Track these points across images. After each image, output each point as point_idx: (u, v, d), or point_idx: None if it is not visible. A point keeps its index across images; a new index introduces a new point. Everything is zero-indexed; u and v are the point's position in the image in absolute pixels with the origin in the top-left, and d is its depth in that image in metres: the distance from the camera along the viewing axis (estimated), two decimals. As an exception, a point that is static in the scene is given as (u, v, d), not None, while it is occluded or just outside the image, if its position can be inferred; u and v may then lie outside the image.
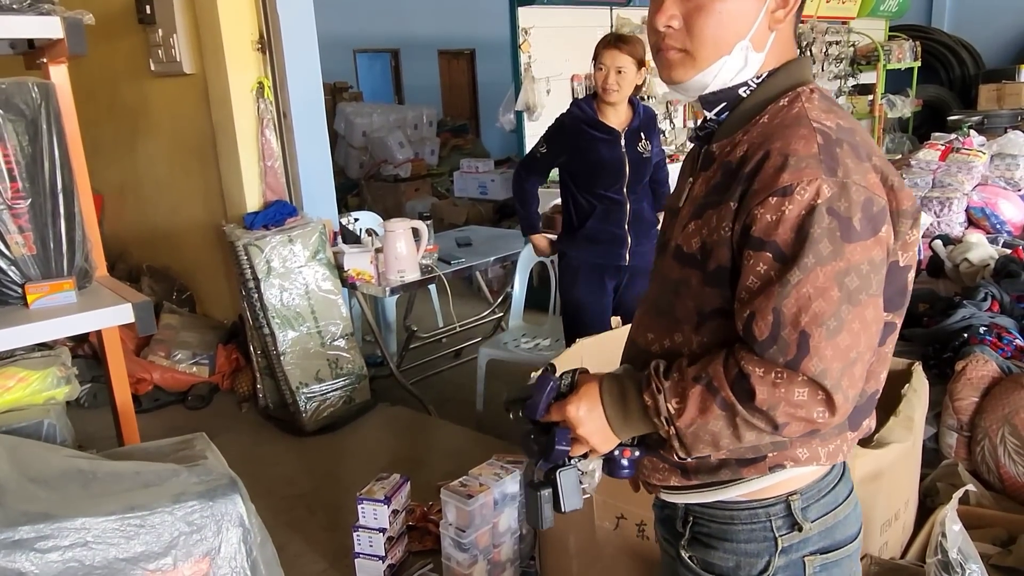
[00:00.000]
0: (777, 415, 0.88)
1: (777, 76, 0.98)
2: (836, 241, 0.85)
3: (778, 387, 0.87)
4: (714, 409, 0.90)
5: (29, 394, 1.78)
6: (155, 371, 3.68)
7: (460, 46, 10.64)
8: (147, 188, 4.38)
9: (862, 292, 0.87)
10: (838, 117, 0.93)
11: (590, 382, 1.02)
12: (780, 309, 0.86)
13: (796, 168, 0.87)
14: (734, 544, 1.02)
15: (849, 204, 0.86)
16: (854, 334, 0.86)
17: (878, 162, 0.93)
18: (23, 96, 1.73)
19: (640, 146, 2.80)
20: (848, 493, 1.07)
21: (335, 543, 2.48)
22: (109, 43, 4.00)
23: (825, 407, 0.87)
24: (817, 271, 0.85)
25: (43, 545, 1.31)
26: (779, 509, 1.00)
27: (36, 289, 1.75)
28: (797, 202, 0.86)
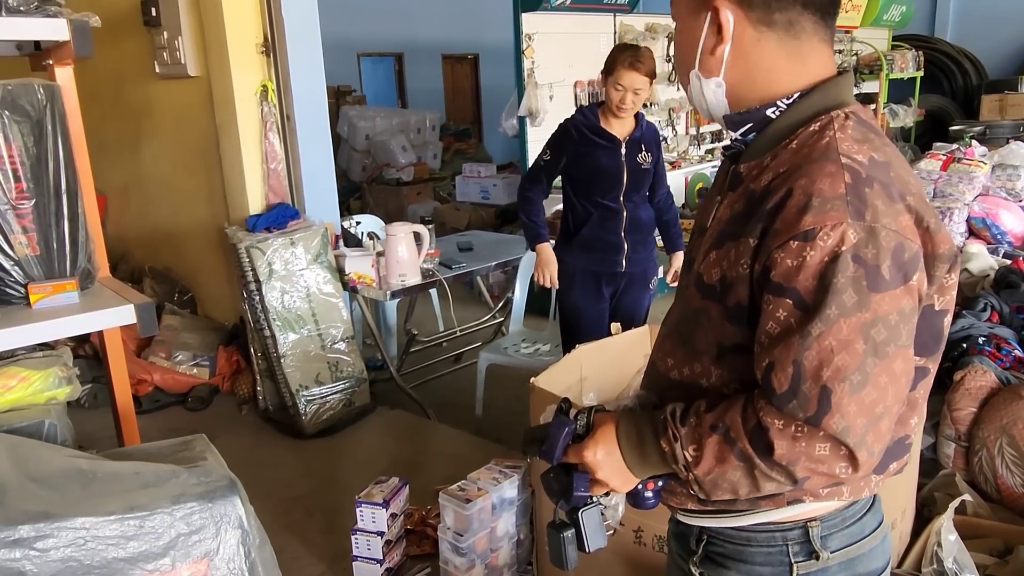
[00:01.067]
0: (797, 470, 0.84)
1: (811, 97, 0.92)
2: (862, 291, 0.80)
3: (798, 442, 0.83)
4: (732, 460, 0.87)
5: (31, 394, 1.79)
6: (156, 372, 3.68)
7: (464, 51, 10.68)
8: (150, 189, 4.40)
9: (890, 344, 0.81)
10: (872, 148, 0.87)
11: (606, 424, 0.99)
12: (800, 362, 0.82)
13: (820, 210, 0.81)
14: (749, 566, 0.99)
15: (877, 251, 0.81)
16: (880, 388, 0.81)
17: (913, 201, 0.85)
18: (29, 97, 1.74)
19: (640, 156, 2.81)
20: (876, 525, 1.01)
21: (333, 546, 2.48)
22: (114, 45, 4.02)
23: (848, 463, 0.83)
24: (841, 323, 0.80)
25: (42, 544, 1.32)
26: (797, 535, 0.97)
27: (39, 289, 1.75)
28: (820, 248, 0.81)
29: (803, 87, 0.93)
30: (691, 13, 0.96)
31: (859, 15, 7.82)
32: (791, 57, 0.93)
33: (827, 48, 0.94)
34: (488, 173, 6.53)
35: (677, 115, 5.70)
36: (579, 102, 5.05)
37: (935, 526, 1.64)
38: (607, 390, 2.17)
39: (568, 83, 4.97)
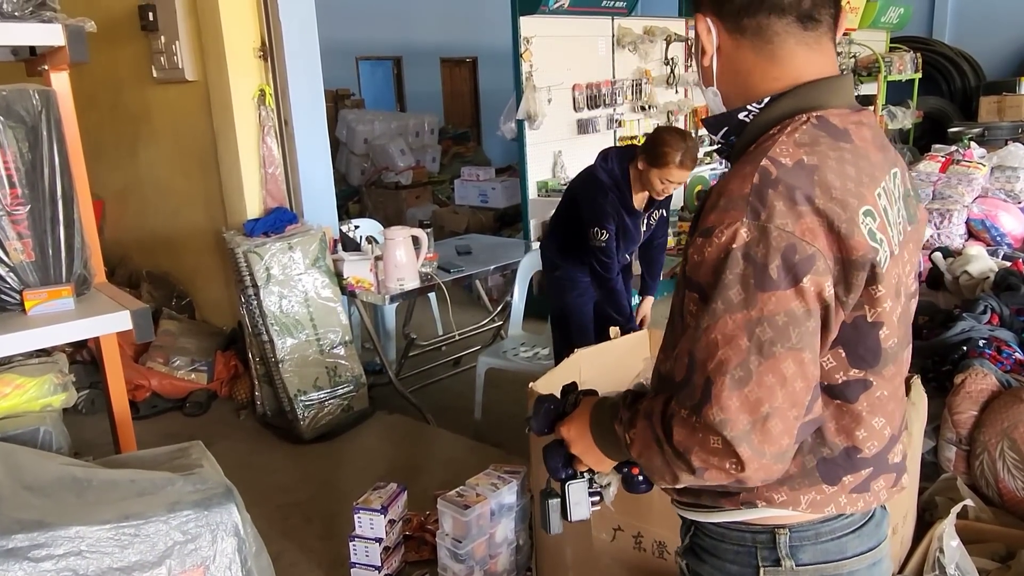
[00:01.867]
0: (692, 459, 0.86)
1: (782, 101, 0.93)
2: (749, 288, 0.82)
3: (695, 432, 0.85)
4: (652, 444, 0.90)
5: (26, 401, 1.78)
6: (153, 377, 3.67)
7: (462, 54, 10.68)
8: (148, 194, 4.39)
9: (776, 344, 0.82)
10: (810, 152, 0.87)
11: (584, 406, 1.07)
12: (693, 353, 0.86)
13: (724, 209, 0.85)
14: (721, 561, 1.01)
15: (767, 250, 0.82)
16: (767, 388, 0.82)
17: (824, 205, 0.84)
18: (24, 103, 1.73)
19: (653, 216, 2.94)
20: (865, 550, 0.99)
21: (331, 552, 2.47)
22: (112, 50, 4.01)
23: (734, 460, 0.83)
24: (726, 318, 0.83)
25: (37, 554, 1.31)
26: (765, 539, 0.98)
27: (34, 296, 1.75)
28: (716, 244, 0.84)
29: (778, 91, 0.93)
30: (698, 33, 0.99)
31: (857, 17, 7.82)
32: (766, 61, 0.94)
33: (814, 52, 0.94)
34: (487, 176, 6.53)
35: (676, 118, 5.70)
36: (577, 105, 5.05)
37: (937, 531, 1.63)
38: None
39: (567, 86, 4.97)
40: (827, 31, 0.95)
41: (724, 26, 0.95)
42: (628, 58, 5.41)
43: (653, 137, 2.67)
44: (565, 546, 2.06)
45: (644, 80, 5.52)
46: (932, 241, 4.01)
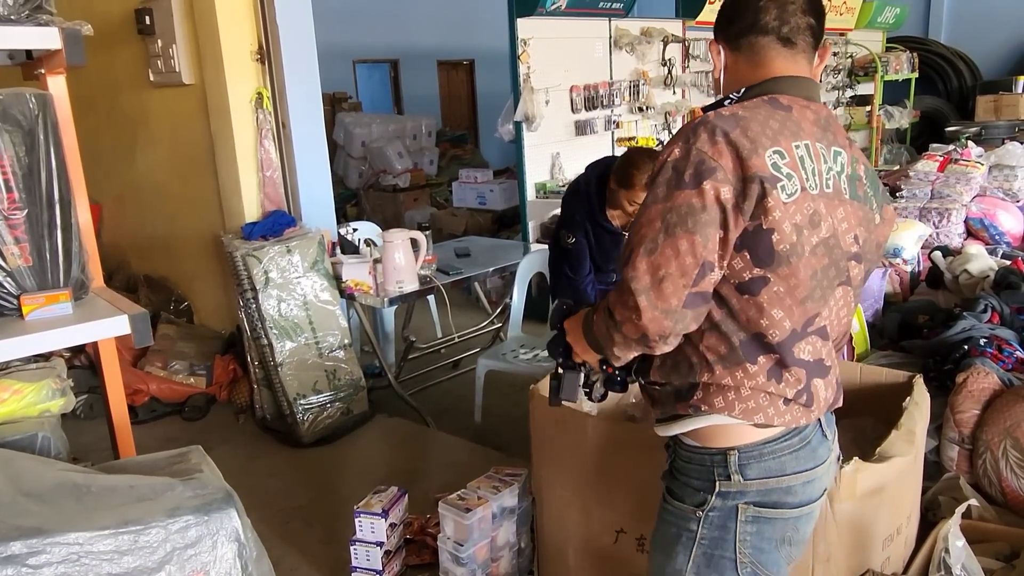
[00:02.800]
0: (616, 313, 1.17)
1: (752, 89, 1.23)
2: (670, 187, 1.14)
3: (620, 295, 1.16)
4: (601, 313, 1.22)
5: (24, 406, 1.76)
6: (152, 382, 3.66)
7: (459, 56, 10.68)
8: (146, 198, 4.38)
9: (677, 227, 1.11)
10: (746, 110, 1.18)
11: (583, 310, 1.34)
12: (631, 235, 1.18)
13: (672, 139, 1.18)
14: (687, 478, 1.28)
15: (687, 163, 1.13)
16: (665, 258, 1.12)
17: (737, 137, 1.13)
18: (20, 107, 1.72)
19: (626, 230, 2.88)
20: (802, 469, 1.24)
21: (332, 556, 2.46)
22: (109, 53, 4.01)
23: (636, 311, 1.13)
24: (652, 208, 1.15)
25: (35, 561, 1.29)
26: (719, 459, 1.23)
27: (32, 300, 1.73)
28: (660, 161, 1.18)
29: (754, 82, 1.24)
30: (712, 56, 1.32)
31: (853, 17, 7.83)
32: (753, 67, 1.25)
33: (786, 62, 1.24)
34: (485, 178, 6.52)
35: (673, 119, 5.70)
36: (575, 107, 5.04)
37: (941, 531, 1.62)
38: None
39: (564, 88, 4.97)
40: (803, 52, 1.25)
41: (728, 47, 1.27)
42: (625, 59, 5.41)
43: (623, 158, 2.69)
44: (567, 549, 2.05)
45: (641, 81, 5.52)
46: (932, 240, 4.00)
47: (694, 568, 1.26)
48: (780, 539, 1.25)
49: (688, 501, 1.26)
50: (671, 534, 1.29)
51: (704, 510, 1.24)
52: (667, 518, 1.30)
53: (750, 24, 1.23)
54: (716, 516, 1.23)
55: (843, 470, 1.56)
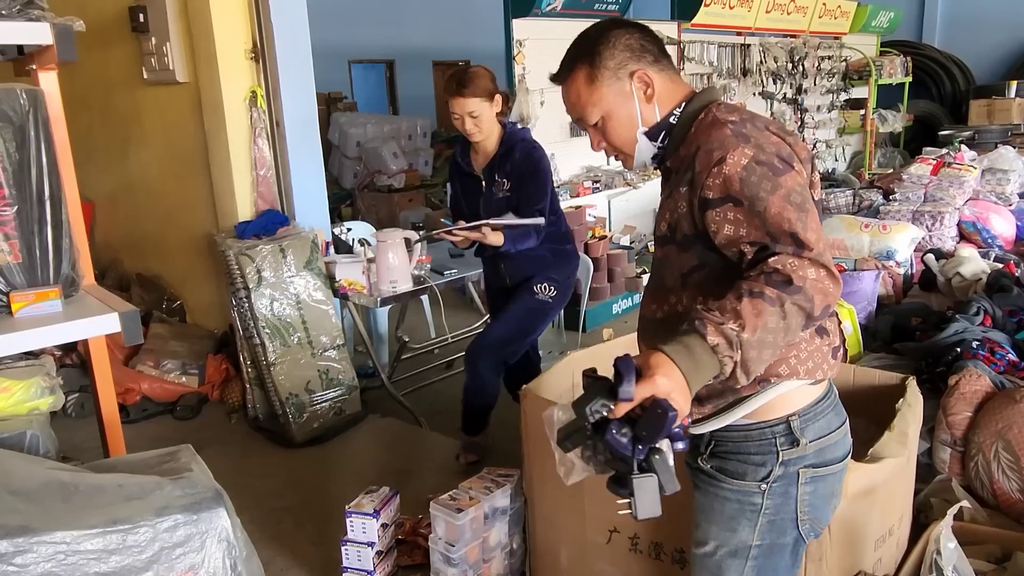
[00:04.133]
0: (807, 288, 1.09)
1: (692, 103, 1.33)
2: (771, 178, 1.16)
3: (798, 270, 1.10)
4: (765, 307, 1.08)
5: (12, 404, 1.75)
6: (144, 381, 3.64)
7: (455, 57, 10.68)
8: (139, 196, 4.36)
9: (806, 202, 1.17)
10: (740, 114, 1.27)
11: (653, 355, 1.09)
12: (767, 227, 1.14)
13: (721, 145, 1.19)
14: (746, 455, 1.29)
15: (767, 155, 1.18)
16: (815, 230, 1.15)
17: (774, 128, 1.27)
18: (11, 103, 1.70)
19: (496, 186, 2.74)
20: (841, 422, 1.35)
21: (323, 557, 2.45)
22: (102, 51, 3.99)
23: (830, 279, 1.12)
24: (773, 198, 1.15)
25: (22, 560, 1.28)
26: (782, 428, 1.27)
27: (21, 298, 1.72)
28: (731, 164, 1.17)
29: (683, 99, 1.34)
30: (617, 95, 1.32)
31: (848, 21, 7.87)
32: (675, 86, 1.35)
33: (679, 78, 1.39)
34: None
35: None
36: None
37: (933, 533, 1.62)
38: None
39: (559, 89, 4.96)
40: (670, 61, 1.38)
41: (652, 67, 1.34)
42: (621, 61, 5.41)
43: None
44: (559, 549, 2.04)
45: (637, 83, 5.52)
46: (924, 243, 4.02)
47: (759, 536, 1.31)
48: (830, 493, 1.34)
49: (750, 477, 1.29)
50: (731, 510, 1.31)
51: (768, 481, 1.27)
52: (724, 495, 1.31)
53: (660, 49, 1.35)
54: (778, 485, 1.28)
55: (835, 471, 1.55)
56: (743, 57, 6.72)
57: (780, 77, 7.13)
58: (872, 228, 3.67)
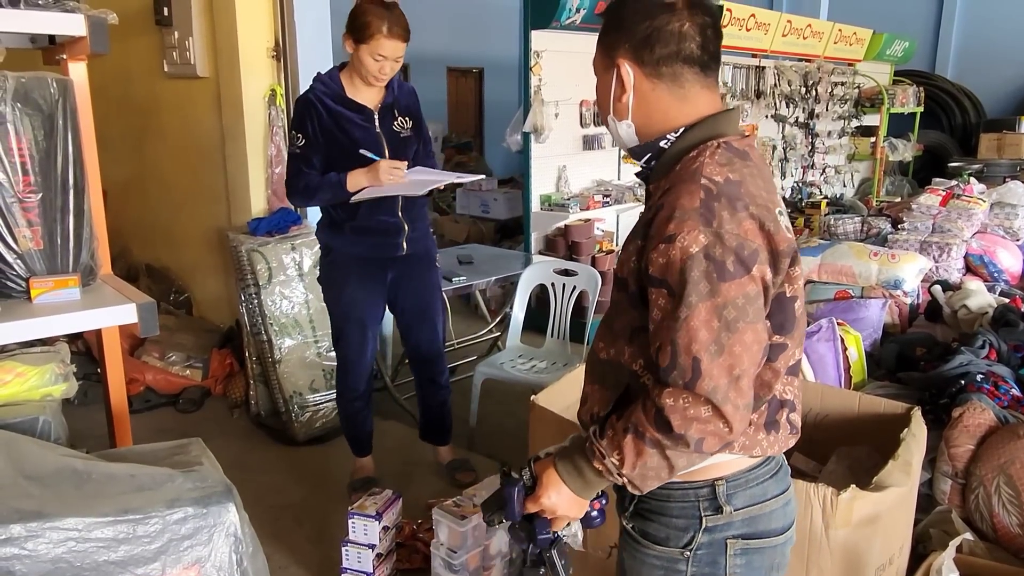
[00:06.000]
0: (691, 434, 1.04)
1: (693, 131, 1.16)
2: (713, 281, 1.03)
3: (687, 409, 1.04)
4: (646, 449, 1.07)
5: (26, 390, 1.76)
6: (148, 372, 3.65)
7: (469, 64, 10.73)
8: (151, 187, 4.38)
9: (739, 321, 1.04)
10: (731, 170, 1.10)
11: (547, 469, 1.20)
12: (676, 340, 1.05)
13: (680, 220, 1.05)
14: (667, 518, 1.21)
15: (723, 250, 1.04)
16: (735, 355, 1.04)
17: (756, 211, 1.09)
18: (41, 91, 1.72)
19: (396, 123, 2.56)
20: (780, 492, 1.23)
21: (321, 556, 2.45)
22: (124, 41, 4.01)
23: (722, 420, 1.04)
24: (699, 307, 1.03)
25: (33, 544, 1.29)
26: (706, 492, 1.18)
27: (41, 284, 1.73)
28: (679, 248, 1.04)
29: (688, 123, 1.16)
30: (605, 70, 1.21)
31: (862, 49, 7.91)
32: (679, 101, 1.17)
33: (710, 92, 1.18)
34: (489, 187, 6.53)
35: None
36: (584, 121, 5.07)
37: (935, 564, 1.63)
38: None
39: (574, 101, 4.99)
40: (715, 76, 1.19)
41: (642, 72, 1.16)
42: (636, 77, 5.44)
43: (350, 16, 2.41)
44: (559, 561, 2.05)
45: (651, 100, 5.55)
46: (931, 274, 4.03)
47: None
48: (769, 567, 1.23)
49: (673, 543, 1.20)
50: None
51: (692, 549, 1.19)
52: (649, 561, 1.23)
53: (674, 52, 1.14)
54: (704, 553, 1.19)
55: (840, 497, 1.57)
56: (757, 79, 6.76)
57: (793, 101, 7.16)
58: (881, 257, 3.68)
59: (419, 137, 2.65)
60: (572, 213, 4.75)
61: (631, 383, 1.18)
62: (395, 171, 2.40)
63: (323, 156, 2.49)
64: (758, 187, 1.12)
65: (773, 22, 6.57)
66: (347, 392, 2.78)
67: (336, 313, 2.72)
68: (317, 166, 2.50)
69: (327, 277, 2.71)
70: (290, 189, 2.59)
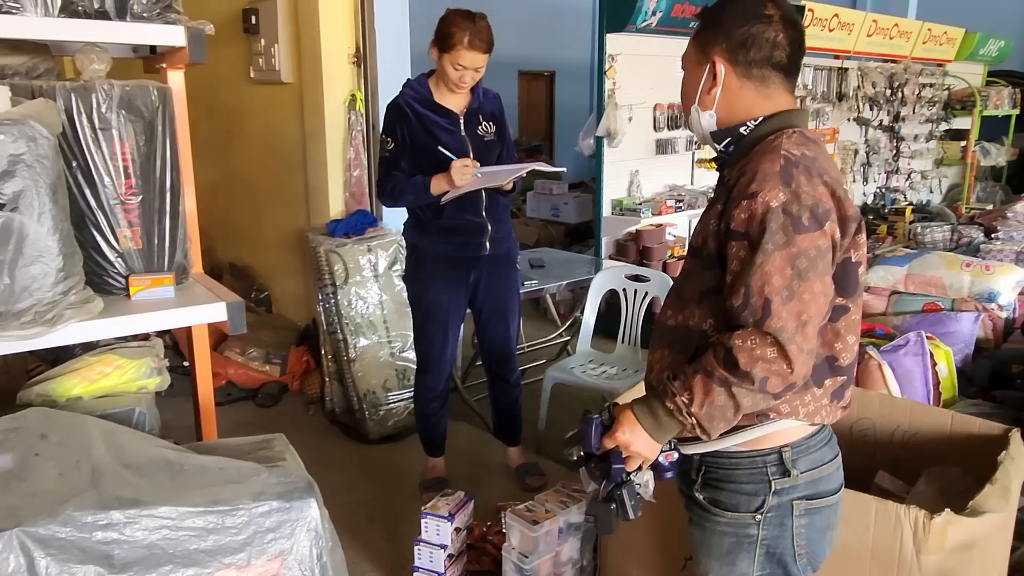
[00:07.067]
0: (757, 371, 1.15)
1: (771, 120, 1.30)
2: (789, 232, 1.15)
3: (754, 349, 1.15)
4: (714, 387, 1.19)
5: (124, 382, 1.85)
6: (230, 367, 3.79)
7: (541, 67, 10.74)
8: (236, 189, 4.55)
9: (810, 271, 1.16)
10: (806, 149, 1.24)
11: (625, 410, 1.32)
12: (749, 283, 1.16)
13: (761, 180, 1.19)
14: (736, 484, 1.31)
15: (800, 206, 1.16)
16: (804, 302, 1.15)
17: (828, 179, 1.22)
18: (144, 99, 1.81)
19: (481, 128, 2.65)
20: (833, 456, 1.35)
21: (393, 554, 2.49)
22: (215, 49, 4.13)
23: (785, 361, 1.14)
24: (775, 254, 1.15)
25: (130, 530, 1.35)
26: (773, 458, 1.29)
27: (139, 282, 1.82)
28: (761, 203, 1.17)
29: (767, 113, 1.30)
30: (697, 64, 1.34)
31: (954, 48, 7.55)
32: (762, 99, 1.31)
33: (788, 94, 1.33)
34: (559, 191, 6.53)
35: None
36: (658, 125, 5.01)
37: (1035, 595, 1.54)
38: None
39: (648, 105, 4.94)
40: (794, 82, 1.35)
41: (734, 70, 1.30)
42: (713, 80, 5.34)
43: (439, 23, 2.53)
44: (630, 571, 2.02)
45: (728, 103, 5.43)
46: (1028, 286, 3.81)
47: (759, 568, 1.33)
48: (826, 526, 1.34)
49: (744, 508, 1.30)
50: (728, 544, 1.33)
51: (763, 512, 1.29)
52: (720, 529, 1.33)
53: (766, 57, 1.29)
54: (773, 516, 1.29)
55: (933, 521, 1.50)
56: (839, 81, 6.54)
57: (877, 103, 6.89)
58: (974, 268, 3.50)
59: (502, 141, 2.73)
60: (644, 218, 4.71)
61: (700, 344, 1.27)
62: (465, 169, 2.46)
63: (411, 159, 2.58)
64: (830, 164, 1.28)
65: (857, 22, 6.35)
66: (425, 391, 2.83)
67: (419, 312, 2.78)
68: (405, 169, 2.60)
69: (412, 276, 2.78)
70: (380, 190, 2.71)
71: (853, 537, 1.56)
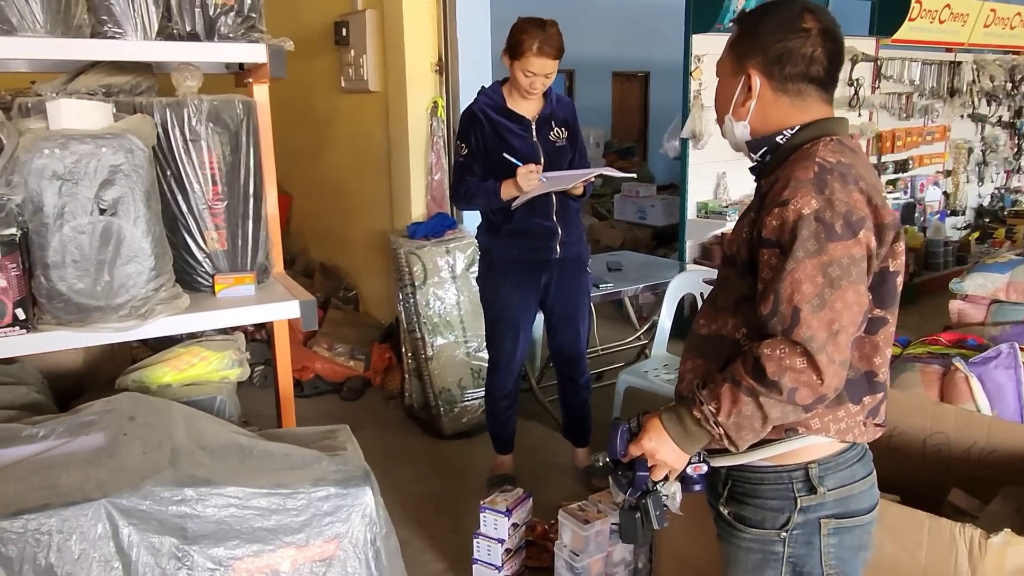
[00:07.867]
0: (785, 381, 1.12)
1: (808, 129, 1.27)
2: (821, 240, 1.13)
3: (783, 359, 1.12)
4: (742, 397, 1.16)
5: (207, 372, 2.02)
6: (317, 361, 4.00)
7: (634, 68, 10.65)
8: (327, 193, 4.79)
9: (842, 279, 1.13)
10: (842, 156, 1.21)
11: (652, 418, 1.30)
12: (779, 290, 1.14)
13: (794, 188, 1.17)
14: (762, 500, 1.29)
15: (832, 214, 1.14)
16: (836, 311, 1.12)
17: (865, 187, 1.20)
18: (229, 112, 1.97)
19: (552, 134, 2.69)
20: (867, 474, 1.31)
21: (457, 546, 2.58)
22: (309, 61, 4.43)
23: (815, 371, 1.11)
24: (806, 262, 1.13)
25: (202, 507, 1.49)
26: (800, 475, 1.26)
27: (223, 280, 1.98)
28: (793, 211, 1.15)
29: (804, 122, 1.28)
30: (732, 74, 1.32)
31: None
32: (797, 111, 1.29)
33: (826, 105, 1.31)
34: (647, 193, 6.48)
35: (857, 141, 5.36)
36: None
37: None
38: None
39: (735, 106, 4.82)
40: (832, 92, 1.32)
41: (770, 85, 1.28)
42: (805, 78, 5.16)
43: (511, 31, 2.57)
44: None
45: (822, 102, 5.24)
46: None
47: None
48: (858, 546, 1.30)
49: (769, 524, 1.28)
50: (755, 561, 1.31)
51: (788, 530, 1.26)
52: (746, 546, 1.31)
53: (802, 72, 1.26)
54: (800, 533, 1.26)
55: (990, 541, 1.43)
56: (952, 76, 6.15)
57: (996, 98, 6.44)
58: (1086, 275, 3.24)
59: (574, 147, 2.79)
60: (729, 221, 4.61)
61: (732, 354, 1.24)
62: (530, 174, 2.51)
63: (484, 164, 2.67)
64: (868, 172, 1.24)
65: (973, 12, 5.96)
66: (495, 391, 2.91)
67: (491, 313, 2.87)
68: (478, 173, 2.69)
69: (484, 278, 2.89)
70: (453, 194, 2.84)
71: (905, 555, 1.51)
